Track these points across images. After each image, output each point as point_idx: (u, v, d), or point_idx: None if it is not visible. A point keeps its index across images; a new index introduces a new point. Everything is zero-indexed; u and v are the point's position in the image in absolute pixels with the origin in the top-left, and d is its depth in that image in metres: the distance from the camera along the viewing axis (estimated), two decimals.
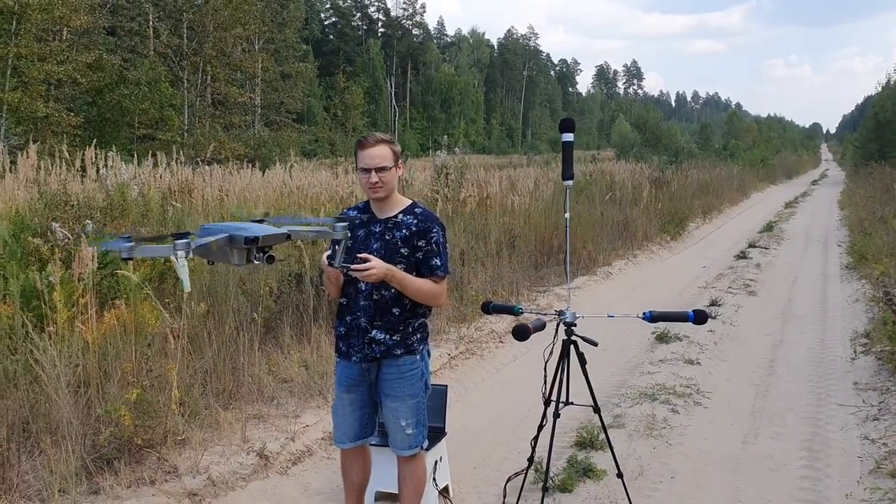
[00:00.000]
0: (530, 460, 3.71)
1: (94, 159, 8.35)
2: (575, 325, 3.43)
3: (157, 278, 5.62)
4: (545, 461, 3.52)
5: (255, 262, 2.58)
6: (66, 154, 8.28)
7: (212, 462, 3.93)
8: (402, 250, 3.09)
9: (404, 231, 3.11)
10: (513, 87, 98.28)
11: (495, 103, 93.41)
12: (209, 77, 35.06)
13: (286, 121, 39.99)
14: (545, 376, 3.44)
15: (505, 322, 7.02)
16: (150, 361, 4.37)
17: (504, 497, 3.82)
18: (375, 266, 2.90)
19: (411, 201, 3.24)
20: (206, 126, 33.45)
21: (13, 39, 22.06)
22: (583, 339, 3.43)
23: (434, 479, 3.85)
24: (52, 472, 3.40)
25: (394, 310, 3.11)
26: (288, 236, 2.70)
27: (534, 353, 5.42)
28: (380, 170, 3.03)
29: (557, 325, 3.44)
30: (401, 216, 3.15)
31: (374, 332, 3.10)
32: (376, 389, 3.21)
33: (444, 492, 3.95)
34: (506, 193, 12.08)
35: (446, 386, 4.21)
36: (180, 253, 2.46)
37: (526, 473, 3.77)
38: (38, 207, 7.04)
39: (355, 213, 3.26)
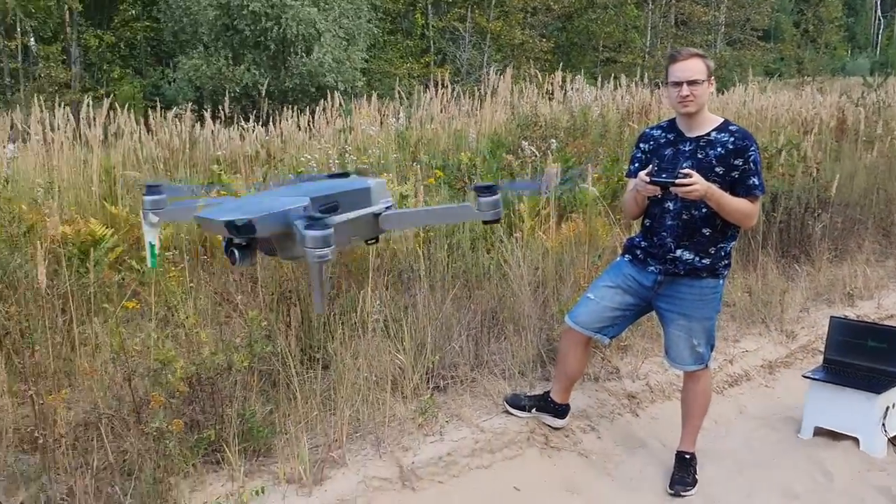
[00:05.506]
0: None
1: (561, 82, 8.97)
2: None
3: (610, 195, 5.97)
4: None
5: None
6: (539, 78, 9.02)
7: (650, 370, 4.18)
8: (717, 169, 2.96)
9: (719, 149, 2.98)
10: None
11: None
12: None
13: (750, 39, 37.80)
14: None
15: None
16: (600, 271, 4.72)
17: None
18: (699, 182, 2.80)
19: (723, 119, 3.08)
20: (666, 47, 33.23)
21: None
22: None
23: (883, 426, 3.62)
24: (514, 357, 3.94)
25: (704, 230, 3.02)
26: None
27: None
28: (691, 83, 2.93)
29: None
30: (714, 134, 3.02)
31: (679, 251, 3.05)
32: (666, 304, 3.18)
33: (893, 440, 3.68)
34: None
35: None
36: (149, 213, 1.91)
37: None
38: (512, 127, 7.86)
39: (659, 131, 3.19)
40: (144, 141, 6.34)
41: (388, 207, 1.90)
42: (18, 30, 19.15)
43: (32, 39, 19.98)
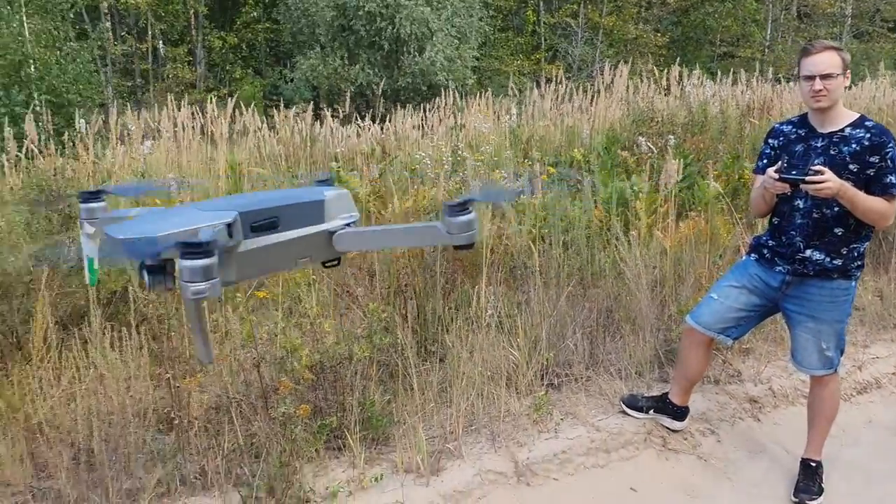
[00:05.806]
0: None
1: (678, 77, 8.76)
2: None
3: (730, 193, 5.79)
4: None
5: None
6: (655, 72, 8.83)
7: (774, 374, 4.04)
8: (851, 166, 2.82)
9: (854, 146, 2.84)
10: None
11: None
12: None
13: (880, 31, 35.83)
14: None
15: None
16: (722, 271, 4.59)
17: None
18: (831, 180, 2.68)
19: (859, 114, 2.92)
20: (787, 41, 31.93)
21: None
22: None
23: None
24: (630, 357, 3.89)
25: (836, 230, 2.89)
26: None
27: None
28: (825, 77, 2.82)
29: None
30: (848, 130, 2.88)
31: (808, 251, 2.95)
32: (795, 306, 3.08)
33: None
34: None
35: None
36: (85, 223, 1.58)
37: None
38: (627, 123, 7.73)
39: (790, 127, 3.08)
40: (267, 139, 6.59)
41: (349, 224, 1.59)
42: (149, 33, 20.21)
43: (161, 42, 21.05)
